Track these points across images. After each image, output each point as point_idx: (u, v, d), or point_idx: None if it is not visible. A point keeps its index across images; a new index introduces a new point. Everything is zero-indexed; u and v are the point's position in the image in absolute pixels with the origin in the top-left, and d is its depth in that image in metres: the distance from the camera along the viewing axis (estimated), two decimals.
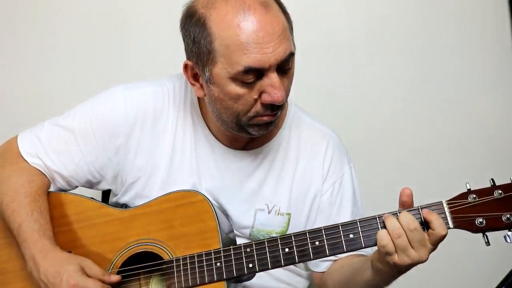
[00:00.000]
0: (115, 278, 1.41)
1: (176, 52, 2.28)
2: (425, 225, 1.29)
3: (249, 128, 1.45)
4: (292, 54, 1.40)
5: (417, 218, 1.29)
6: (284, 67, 1.40)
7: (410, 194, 1.32)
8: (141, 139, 1.54)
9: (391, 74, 2.32)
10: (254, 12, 1.35)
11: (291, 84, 1.46)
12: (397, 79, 2.32)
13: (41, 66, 2.28)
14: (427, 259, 1.29)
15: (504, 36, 2.28)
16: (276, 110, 1.43)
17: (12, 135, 1.60)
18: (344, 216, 1.60)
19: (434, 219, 1.27)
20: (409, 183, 2.28)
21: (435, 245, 1.29)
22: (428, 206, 1.31)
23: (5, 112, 2.28)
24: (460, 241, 1.31)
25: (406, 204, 1.32)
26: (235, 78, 1.37)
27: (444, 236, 1.27)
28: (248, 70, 1.35)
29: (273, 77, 1.37)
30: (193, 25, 1.40)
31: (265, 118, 1.43)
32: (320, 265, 1.60)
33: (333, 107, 2.30)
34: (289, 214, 1.58)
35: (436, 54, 2.30)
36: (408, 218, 1.28)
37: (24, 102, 2.28)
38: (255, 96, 1.39)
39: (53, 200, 1.53)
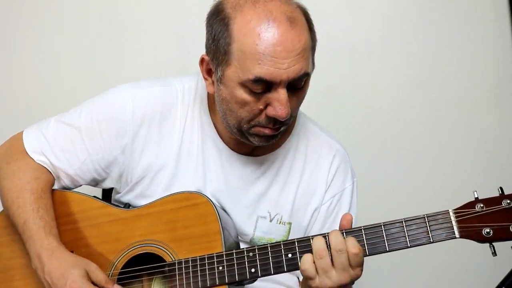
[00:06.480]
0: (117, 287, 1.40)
1: (176, 52, 2.28)
2: None
3: (249, 136, 1.44)
4: (306, 74, 1.38)
5: (359, 240, 1.29)
6: (296, 85, 1.38)
7: (349, 220, 1.33)
8: (148, 138, 1.52)
9: (391, 75, 2.31)
10: (278, 25, 1.33)
11: (300, 103, 1.45)
12: (397, 79, 2.32)
13: (41, 66, 2.28)
14: (352, 282, 1.29)
15: (504, 36, 2.28)
16: (279, 125, 1.41)
17: (14, 133, 1.59)
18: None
19: (335, 237, 1.28)
20: (409, 183, 2.33)
21: (356, 265, 1.28)
22: (434, 215, 1.29)
23: (8, 110, 2.28)
24: (460, 240, 1.30)
25: (344, 228, 1.33)
26: (244, 85, 1.36)
27: (356, 255, 1.27)
28: (258, 80, 1.34)
29: (281, 93, 1.35)
30: (217, 22, 1.39)
31: (266, 131, 1.42)
32: None
33: (332, 107, 2.30)
34: (290, 223, 1.57)
35: (436, 54, 2.30)
36: (336, 239, 1.28)
37: (26, 101, 2.28)
38: (261, 107, 1.38)
39: (56, 198, 1.51)
